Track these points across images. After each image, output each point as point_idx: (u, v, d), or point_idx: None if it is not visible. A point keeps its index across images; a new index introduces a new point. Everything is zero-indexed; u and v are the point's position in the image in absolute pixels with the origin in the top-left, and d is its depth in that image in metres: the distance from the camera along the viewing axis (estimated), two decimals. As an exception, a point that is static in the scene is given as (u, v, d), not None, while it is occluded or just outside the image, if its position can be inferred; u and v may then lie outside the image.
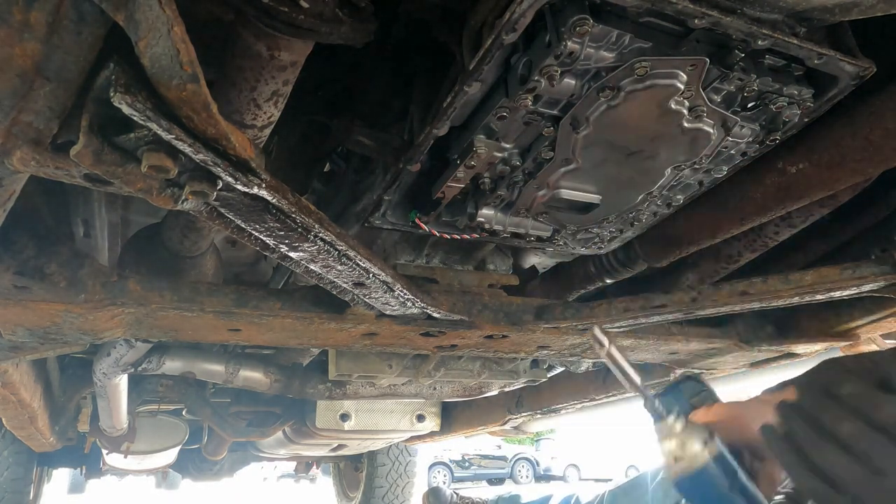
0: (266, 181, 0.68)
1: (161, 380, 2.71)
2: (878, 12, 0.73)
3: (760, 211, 1.11)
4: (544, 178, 0.98)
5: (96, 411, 2.60)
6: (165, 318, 1.20)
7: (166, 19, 0.50)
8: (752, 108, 0.88)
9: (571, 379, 2.53)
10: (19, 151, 0.65)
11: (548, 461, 20.40)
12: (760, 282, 1.18)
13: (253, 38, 0.76)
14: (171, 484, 8.38)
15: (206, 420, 2.99)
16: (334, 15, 0.73)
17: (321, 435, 3.27)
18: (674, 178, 1.01)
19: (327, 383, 2.35)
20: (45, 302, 1.04)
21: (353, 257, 0.95)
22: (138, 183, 0.66)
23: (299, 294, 1.26)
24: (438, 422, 3.41)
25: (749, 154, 0.98)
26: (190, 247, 1.32)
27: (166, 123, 0.57)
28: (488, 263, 1.51)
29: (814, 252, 1.41)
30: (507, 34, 0.69)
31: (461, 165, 0.94)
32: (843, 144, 0.95)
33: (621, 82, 0.79)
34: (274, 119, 0.90)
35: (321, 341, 1.44)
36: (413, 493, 4.91)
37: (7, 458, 3.69)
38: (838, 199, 1.12)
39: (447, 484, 16.83)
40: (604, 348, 0.84)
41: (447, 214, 1.10)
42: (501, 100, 0.81)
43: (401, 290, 1.12)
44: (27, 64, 0.56)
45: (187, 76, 0.53)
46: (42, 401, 2.21)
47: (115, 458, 3.72)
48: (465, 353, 1.62)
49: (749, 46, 0.77)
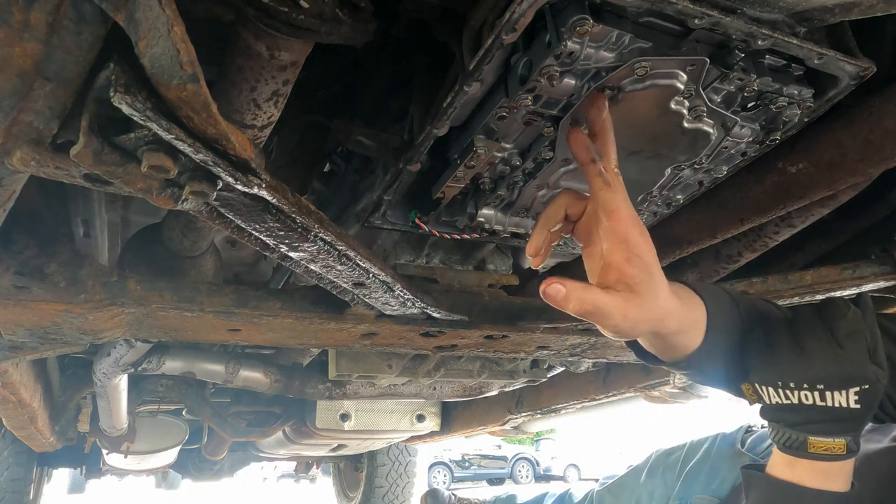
0: (266, 181, 0.68)
1: (161, 380, 2.71)
2: (878, 12, 0.73)
3: (760, 211, 1.11)
4: (544, 178, 0.98)
5: (96, 411, 2.60)
6: (165, 318, 1.20)
7: (166, 19, 0.50)
8: (752, 108, 0.88)
9: (571, 379, 2.53)
10: (19, 151, 0.65)
11: (548, 461, 20.42)
12: (760, 282, 1.19)
13: (253, 38, 0.76)
14: (171, 484, 8.38)
15: (206, 420, 3.00)
16: (334, 15, 0.73)
17: (321, 435, 3.28)
18: (674, 178, 1.01)
19: (327, 383, 2.36)
20: (45, 302, 1.04)
21: (352, 257, 0.95)
22: (138, 183, 0.66)
23: (299, 294, 1.27)
24: (438, 422, 3.41)
25: (749, 154, 0.98)
26: (190, 247, 1.32)
27: (166, 123, 0.57)
28: (488, 263, 1.51)
29: (814, 252, 1.41)
30: (507, 34, 0.69)
31: (461, 165, 0.94)
32: (843, 144, 0.95)
33: (621, 82, 0.79)
34: (274, 119, 0.90)
35: (321, 341, 1.44)
36: (413, 493, 4.91)
37: (7, 458, 3.70)
38: (838, 198, 1.12)
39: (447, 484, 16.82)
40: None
41: (447, 214, 1.10)
42: (501, 100, 0.81)
43: (401, 290, 1.12)
44: (27, 64, 0.56)
45: (187, 76, 0.53)
46: (42, 401, 2.21)
47: (115, 458, 3.72)
48: (465, 354, 1.62)
49: (749, 46, 0.77)
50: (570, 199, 0.84)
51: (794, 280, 1.16)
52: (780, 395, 0.89)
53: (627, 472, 2.22)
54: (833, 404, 0.87)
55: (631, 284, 0.77)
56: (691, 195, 1.10)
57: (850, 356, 0.87)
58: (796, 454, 0.90)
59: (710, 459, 1.87)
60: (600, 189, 0.78)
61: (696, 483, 1.84)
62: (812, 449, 0.89)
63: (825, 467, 0.89)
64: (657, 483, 2.00)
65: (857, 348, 0.88)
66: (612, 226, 0.77)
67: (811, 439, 0.89)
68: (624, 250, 0.77)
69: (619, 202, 0.78)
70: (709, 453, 1.89)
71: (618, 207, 0.77)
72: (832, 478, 0.89)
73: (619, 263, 0.77)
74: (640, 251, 0.77)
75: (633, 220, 0.78)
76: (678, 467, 1.95)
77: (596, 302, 0.75)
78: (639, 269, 0.77)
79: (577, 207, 0.83)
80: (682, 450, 2.02)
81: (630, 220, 0.78)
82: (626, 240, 0.77)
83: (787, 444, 0.91)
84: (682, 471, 1.92)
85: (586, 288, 0.75)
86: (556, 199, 0.85)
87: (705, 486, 1.80)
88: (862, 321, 0.90)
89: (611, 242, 0.78)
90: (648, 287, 0.78)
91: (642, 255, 0.77)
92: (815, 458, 0.89)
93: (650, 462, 2.11)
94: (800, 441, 0.90)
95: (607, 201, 0.78)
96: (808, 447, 0.89)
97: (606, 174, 0.79)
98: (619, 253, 0.77)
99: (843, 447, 0.89)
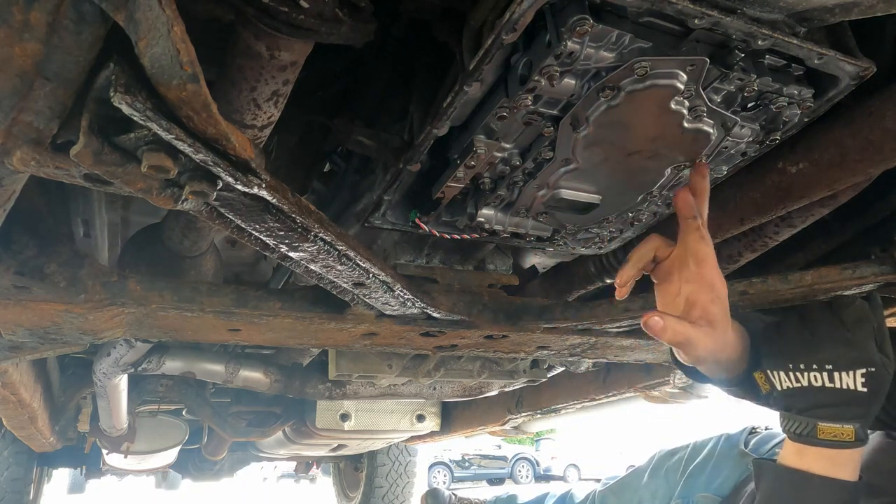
0: (266, 181, 0.68)
1: (161, 380, 2.71)
2: (878, 12, 0.73)
3: (760, 211, 1.11)
4: (544, 178, 0.98)
5: (96, 411, 2.60)
6: (165, 318, 1.20)
7: (166, 19, 0.50)
8: (752, 108, 0.88)
9: (571, 379, 2.53)
10: (19, 151, 0.65)
11: (548, 461, 20.42)
12: (760, 282, 1.18)
13: (253, 38, 0.76)
14: (171, 484, 8.38)
15: (206, 420, 2.99)
16: (334, 15, 0.73)
17: (321, 435, 3.28)
18: (674, 178, 1.01)
19: (327, 383, 2.36)
20: (45, 302, 1.04)
21: (352, 257, 0.95)
22: (138, 183, 0.66)
23: (299, 294, 1.27)
24: (438, 422, 3.41)
25: (749, 154, 0.98)
26: (190, 247, 1.32)
27: (166, 123, 0.57)
28: (488, 263, 1.51)
29: (814, 252, 1.41)
30: (507, 34, 0.69)
31: (461, 165, 0.94)
32: (843, 144, 0.95)
33: (621, 82, 0.79)
34: (274, 119, 0.90)
35: (321, 341, 1.44)
36: (413, 493, 4.91)
37: (7, 458, 3.70)
38: (838, 198, 1.12)
39: (447, 484, 16.82)
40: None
41: (447, 214, 1.10)
42: (501, 100, 0.81)
43: (401, 290, 1.12)
44: (27, 64, 0.56)
45: (187, 76, 0.53)
46: (42, 401, 2.21)
47: (115, 458, 3.72)
48: (465, 353, 1.62)
49: (749, 46, 0.77)
50: (660, 243, 0.97)
51: (794, 280, 1.16)
52: (791, 378, 0.95)
53: (630, 473, 2.21)
54: (841, 385, 0.91)
55: (713, 321, 0.91)
56: (691, 195, 1.10)
57: (857, 339, 0.92)
58: (806, 441, 0.94)
59: (713, 459, 1.87)
60: (697, 241, 0.92)
61: (698, 482, 1.84)
62: (822, 435, 0.92)
63: (834, 455, 0.92)
64: (660, 483, 2.00)
65: (864, 333, 0.93)
66: (702, 272, 0.91)
67: (820, 425, 0.93)
68: (709, 293, 0.91)
69: (710, 254, 0.92)
70: (712, 453, 1.89)
71: (708, 257, 0.92)
72: (840, 466, 0.92)
73: (704, 303, 0.91)
74: (722, 295, 0.92)
75: (718, 269, 0.92)
76: (681, 467, 1.95)
77: (687, 334, 0.90)
78: (720, 309, 0.92)
79: (665, 251, 0.97)
80: (685, 450, 2.02)
81: (716, 269, 0.92)
82: (713, 285, 0.91)
83: (797, 431, 0.95)
84: (685, 471, 1.92)
85: (679, 322, 0.90)
86: (646, 241, 0.98)
87: (707, 484, 1.80)
88: (869, 311, 0.94)
89: (699, 285, 0.92)
90: (724, 324, 0.93)
91: (723, 299, 0.92)
92: (824, 445, 0.92)
93: (653, 462, 2.11)
94: (810, 427, 0.93)
95: (700, 252, 0.91)
96: (818, 433, 0.93)
97: (703, 229, 0.92)
98: (705, 294, 0.91)
99: (852, 434, 0.91)
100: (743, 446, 1.84)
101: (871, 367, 0.92)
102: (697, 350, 0.92)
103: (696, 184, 0.94)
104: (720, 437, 1.97)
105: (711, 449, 1.92)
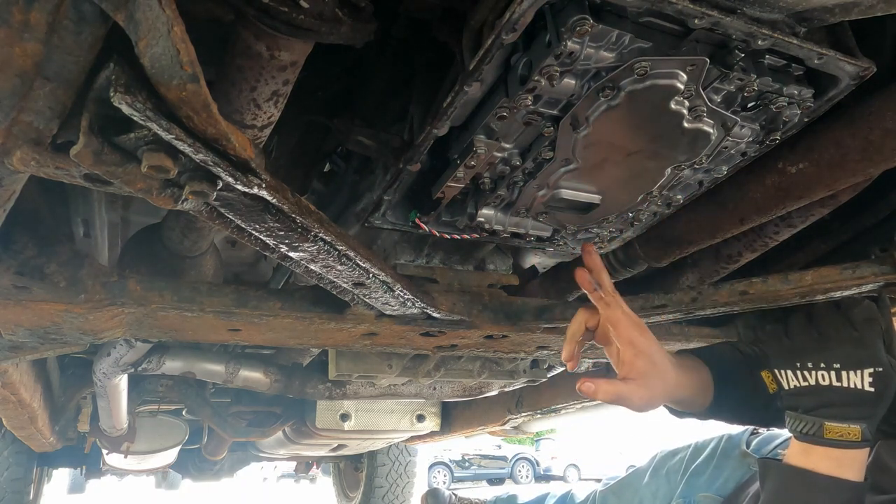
0: (266, 181, 0.68)
1: (161, 380, 2.70)
2: (878, 12, 0.73)
3: (760, 211, 1.11)
4: (544, 178, 0.98)
5: (96, 411, 2.60)
6: (165, 318, 1.20)
7: (166, 19, 0.50)
8: (752, 108, 0.88)
9: (571, 379, 2.53)
10: (19, 151, 0.65)
11: (548, 461, 20.42)
12: (760, 282, 1.18)
13: (253, 38, 0.76)
14: (171, 484, 8.38)
15: (206, 420, 2.99)
16: (334, 15, 0.73)
17: (321, 435, 3.28)
18: (674, 178, 1.01)
19: (327, 383, 2.35)
20: (45, 302, 1.04)
21: (352, 257, 0.95)
22: (138, 183, 0.66)
23: (299, 294, 1.26)
24: (438, 422, 3.41)
25: (749, 154, 0.98)
26: (190, 247, 1.32)
27: (166, 123, 0.57)
28: (488, 263, 1.51)
29: (814, 252, 1.41)
30: (507, 34, 0.69)
31: (461, 165, 0.94)
32: (843, 144, 0.95)
33: (621, 82, 0.79)
34: (274, 119, 0.90)
35: (321, 341, 1.44)
36: (413, 493, 4.91)
37: (7, 458, 3.70)
38: (838, 198, 1.12)
39: (447, 484, 16.82)
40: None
41: (447, 214, 1.10)
42: (501, 100, 0.81)
43: (401, 290, 1.12)
44: (27, 64, 0.56)
45: (187, 76, 0.53)
46: (42, 401, 2.21)
47: (115, 458, 3.72)
48: (465, 353, 1.62)
49: (749, 46, 0.77)
50: (587, 315, 1.07)
51: (794, 280, 1.16)
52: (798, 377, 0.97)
53: (631, 473, 2.21)
54: (848, 385, 0.92)
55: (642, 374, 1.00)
56: (691, 195, 1.10)
57: (864, 339, 0.93)
58: (812, 441, 0.94)
59: (714, 459, 1.87)
60: (604, 309, 1.03)
61: (699, 481, 1.84)
62: (828, 434, 0.93)
63: (840, 455, 0.92)
64: (661, 483, 2.00)
65: (873, 333, 0.94)
66: (619, 334, 1.01)
67: (827, 424, 0.93)
68: (630, 350, 1.00)
69: (619, 316, 1.02)
70: (713, 454, 1.89)
71: (619, 320, 1.02)
72: (846, 466, 0.92)
73: (629, 360, 1.00)
74: (643, 348, 1.01)
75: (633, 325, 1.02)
76: (682, 468, 1.95)
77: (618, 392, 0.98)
78: (644, 362, 1.00)
79: (593, 320, 1.06)
80: (686, 450, 2.02)
81: (631, 327, 1.01)
82: (631, 342, 1.00)
83: (803, 431, 0.95)
84: (686, 471, 1.92)
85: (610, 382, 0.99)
86: (575, 316, 1.08)
87: (709, 484, 1.80)
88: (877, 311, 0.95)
89: (622, 344, 1.01)
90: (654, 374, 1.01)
91: (645, 350, 1.01)
92: (830, 445, 0.92)
93: (654, 462, 2.11)
94: (816, 427, 0.94)
95: (612, 317, 1.02)
96: (824, 433, 0.93)
97: (606, 297, 1.03)
98: (627, 352, 1.00)
99: (858, 434, 0.92)
100: (744, 447, 1.84)
101: (879, 368, 0.92)
102: (633, 402, 0.99)
103: (588, 262, 1.05)
104: (722, 437, 1.97)
105: (713, 449, 1.92)
